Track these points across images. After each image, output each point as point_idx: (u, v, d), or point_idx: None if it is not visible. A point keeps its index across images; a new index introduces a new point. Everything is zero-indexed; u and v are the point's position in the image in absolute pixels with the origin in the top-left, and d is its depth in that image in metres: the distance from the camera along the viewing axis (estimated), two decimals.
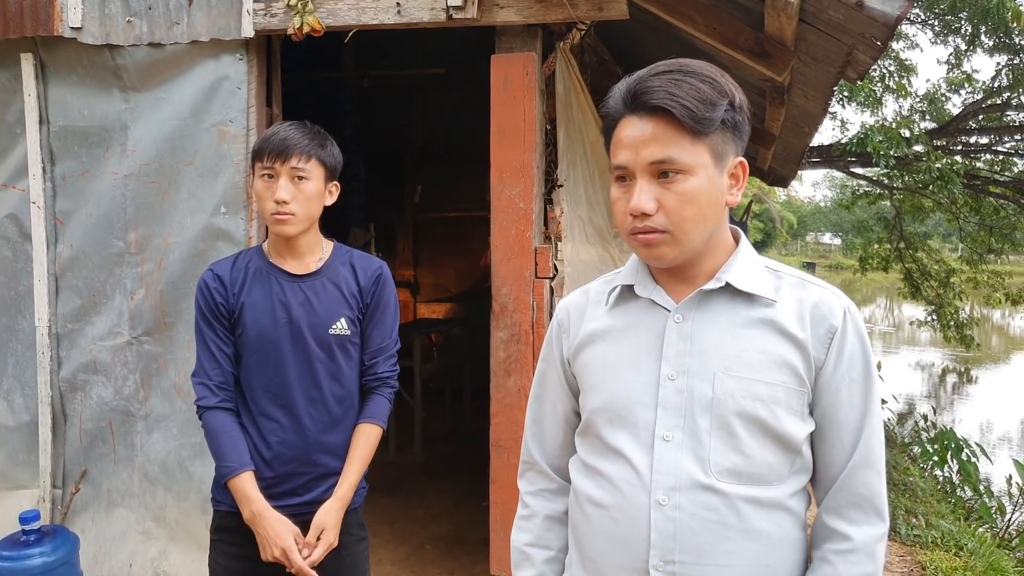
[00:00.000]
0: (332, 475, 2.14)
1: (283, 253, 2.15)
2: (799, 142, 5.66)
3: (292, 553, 2.01)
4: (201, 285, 2.14)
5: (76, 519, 3.43)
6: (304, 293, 2.13)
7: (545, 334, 1.64)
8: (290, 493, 2.11)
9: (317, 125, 2.15)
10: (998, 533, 6.04)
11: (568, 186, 3.32)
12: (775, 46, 2.99)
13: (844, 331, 1.31)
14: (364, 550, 2.26)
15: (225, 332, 2.12)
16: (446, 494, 5.20)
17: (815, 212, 49.78)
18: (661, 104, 1.23)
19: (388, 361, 2.23)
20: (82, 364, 3.42)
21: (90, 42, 3.26)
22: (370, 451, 2.19)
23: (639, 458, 1.31)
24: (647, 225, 1.27)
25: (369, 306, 2.19)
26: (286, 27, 3.11)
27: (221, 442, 2.08)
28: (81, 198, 3.39)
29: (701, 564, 1.27)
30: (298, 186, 2.06)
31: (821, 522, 1.35)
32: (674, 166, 1.25)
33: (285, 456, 2.11)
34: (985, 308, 18.21)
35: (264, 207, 2.08)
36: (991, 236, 11.72)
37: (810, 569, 1.34)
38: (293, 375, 2.10)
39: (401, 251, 8.52)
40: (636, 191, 1.27)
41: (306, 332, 2.10)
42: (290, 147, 2.04)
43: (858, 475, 1.31)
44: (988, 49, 9.68)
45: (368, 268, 2.22)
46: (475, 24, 3.01)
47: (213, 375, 2.11)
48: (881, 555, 1.31)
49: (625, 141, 1.28)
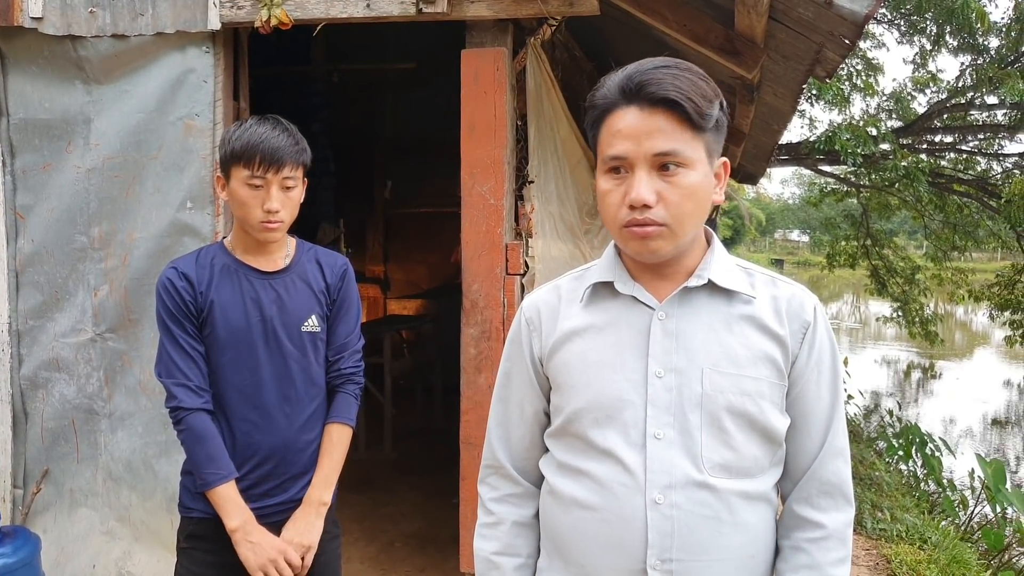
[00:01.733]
0: (306, 474, 2.11)
1: (251, 250, 2.11)
2: (768, 139, 5.71)
3: (280, 565, 1.99)
4: (165, 283, 2.07)
5: (37, 519, 3.36)
6: (275, 290, 2.09)
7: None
8: (265, 495, 2.08)
9: (285, 119, 2.10)
10: (961, 526, 6.15)
11: (539, 182, 3.31)
12: (745, 43, 3.01)
13: (815, 326, 1.35)
14: (337, 548, 2.24)
15: (195, 330, 2.07)
16: (417, 491, 5.17)
17: (783, 209, 50.30)
18: (671, 96, 1.23)
19: (353, 357, 2.21)
20: (44, 361, 3.35)
21: (51, 32, 3.19)
22: (342, 452, 2.16)
23: (631, 457, 1.30)
24: (647, 217, 1.26)
25: (335, 302, 2.17)
26: (253, 20, 3.07)
27: (207, 448, 2.02)
28: (42, 192, 3.32)
29: (697, 560, 1.28)
30: (287, 194, 2.04)
31: (791, 511, 1.37)
32: (677, 159, 1.25)
33: (260, 457, 2.07)
34: (949, 304, 18.55)
35: (250, 214, 2.02)
36: (955, 234, 11.95)
37: (782, 558, 1.36)
38: (267, 374, 2.07)
39: (371, 247, 8.47)
40: (637, 182, 1.25)
41: (279, 330, 2.07)
42: (283, 157, 1.99)
43: (828, 463, 1.35)
44: (953, 49, 9.85)
45: (334, 265, 2.20)
46: (445, 18, 2.98)
47: (192, 376, 2.04)
48: (850, 538, 1.36)
49: (626, 131, 1.26)
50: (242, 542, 1.99)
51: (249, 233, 2.07)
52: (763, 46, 3.02)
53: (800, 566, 1.32)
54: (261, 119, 2.06)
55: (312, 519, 2.08)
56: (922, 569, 4.26)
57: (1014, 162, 10.77)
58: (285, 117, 2.11)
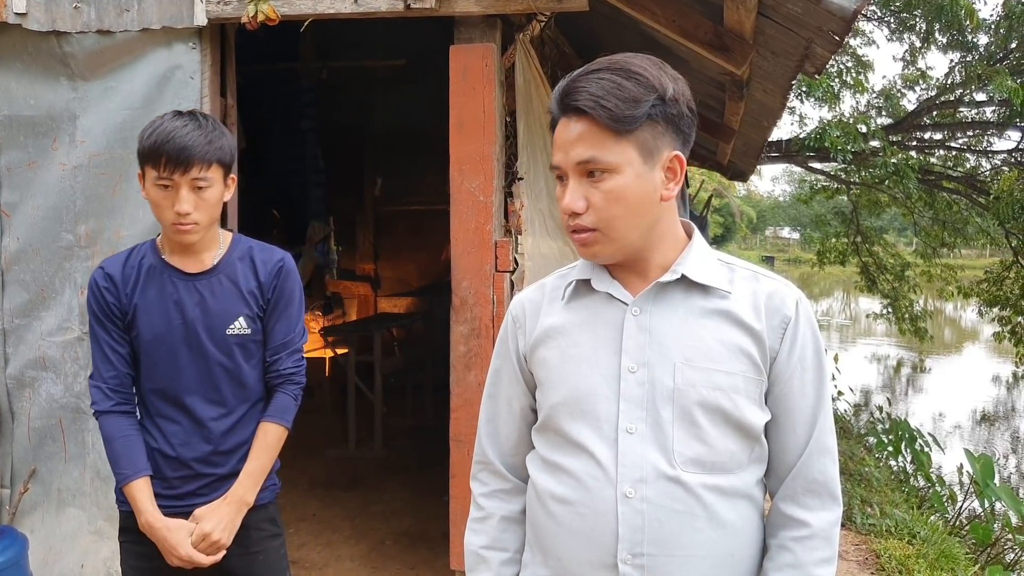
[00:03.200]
0: (236, 476, 2.08)
1: (177, 251, 2.05)
2: (758, 136, 5.72)
3: (195, 557, 1.98)
4: (92, 284, 2.04)
5: (25, 519, 3.34)
6: (199, 293, 2.04)
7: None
8: (193, 494, 2.06)
9: (206, 115, 2.02)
10: (950, 521, 6.18)
11: (529, 179, 3.30)
12: (734, 39, 3.01)
13: (797, 321, 1.34)
14: (279, 547, 2.20)
15: (119, 332, 2.04)
16: (407, 489, 5.16)
17: (774, 207, 50.45)
18: (580, 105, 1.26)
19: (292, 356, 2.13)
20: (30, 360, 3.32)
21: (35, 28, 3.17)
22: (269, 450, 2.11)
23: (603, 452, 1.31)
24: (579, 223, 1.30)
25: (271, 301, 2.10)
26: (240, 15, 3.05)
27: (114, 447, 2.02)
28: (28, 190, 3.29)
29: (669, 555, 1.28)
30: (199, 195, 1.94)
31: (777, 510, 1.37)
32: (599, 165, 1.27)
33: (187, 457, 2.05)
34: (938, 301, 18.63)
35: (163, 216, 1.96)
36: (944, 230, 12.01)
37: (768, 557, 1.35)
38: (191, 377, 2.03)
39: (362, 244, 8.44)
40: (567, 191, 1.30)
41: (202, 334, 2.02)
42: (190, 157, 1.89)
43: (814, 462, 1.34)
44: (942, 46, 9.89)
45: (268, 261, 2.11)
46: (433, 14, 2.97)
47: (107, 377, 2.03)
48: (837, 537, 1.35)
49: (558, 142, 1.32)
50: (153, 540, 2.01)
51: (169, 236, 2.03)
52: (752, 42, 3.02)
53: (784, 565, 1.32)
54: (177, 114, 1.97)
55: (225, 514, 2.03)
56: (911, 564, 4.28)
57: (1003, 159, 10.82)
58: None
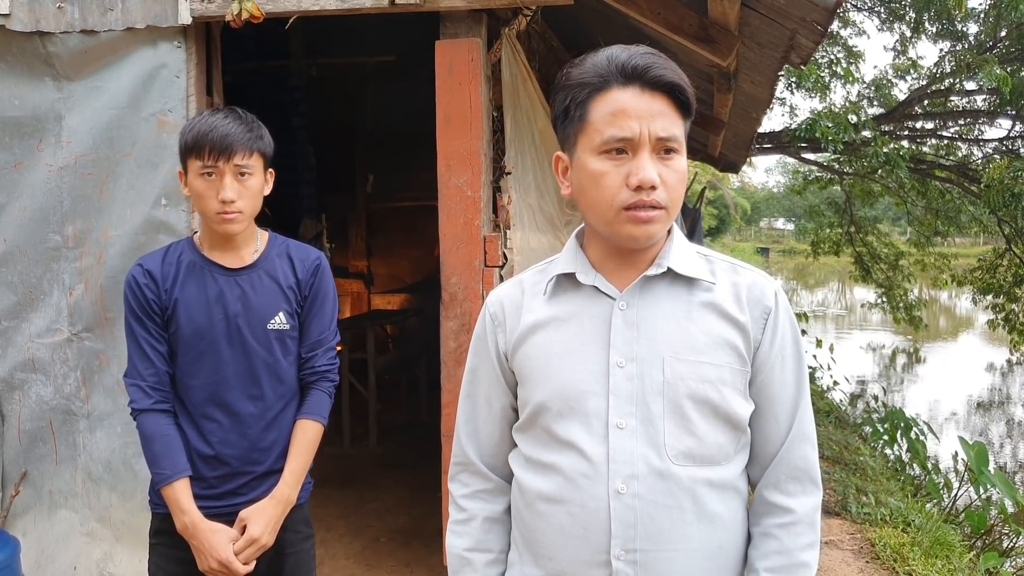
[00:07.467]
0: (275, 473, 2.08)
1: (218, 246, 2.08)
2: (748, 128, 5.72)
3: (232, 564, 1.95)
4: (130, 281, 2.05)
5: (16, 522, 3.33)
6: (240, 287, 2.06)
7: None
8: (233, 493, 2.05)
9: (242, 109, 2.06)
10: (945, 509, 6.20)
11: (517, 173, 3.30)
12: (719, 31, 3.00)
13: (777, 312, 1.35)
14: (310, 548, 2.21)
15: (158, 330, 2.04)
16: (402, 486, 5.16)
17: (768, 198, 50.45)
18: (676, 81, 1.25)
19: (327, 354, 2.16)
20: (19, 363, 3.31)
21: (19, 29, 3.15)
22: (310, 448, 2.13)
23: (592, 448, 1.30)
24: (654, 199, 1.25)
25: (307, 298, 2.13)
26: (225, 13, 3.04)
27: (154, 447, 2.01)
28: (14, 191, 3.27)
29: (661, 550, 1.28)
30: (243, 183, 1.99)
31: (760, 498, 1.37)
32: (675, 144, 1.27)
33: (226, 455, 2.05)
34: (932, 289, 18.68)
35: (207, 206, 1.99)
36: (937, 219, 12.03)
37: (753, 545, 1.36)
38: (231, 373, 2.04)
39: (354, 241, 8.43)
40: (645, 164, 1.24)
41: (244, 328, 2.04)
42: (232, 144, 1.95)
43: (796, 449, 1.35)
44: (932, 36, 9.89)
45: (306, 259, 2.15)
46: (419, 9, 2.96)
47: (147, 375, 2.02)
48: (819, 522, 1.36)
49: (632, 112, 1.24)
50: (190, 543, 1.99)
51: (213, 228, 2.04)
52: (737, 33, 3.01)
53: (770, 552, 1.32)
54: (216, 110, 2.03)
55: (272, 515, 2.04)
56: (906, 552, 4.29)
57: (994, 147, 10.84)
58: (264, 112, 2.09)
